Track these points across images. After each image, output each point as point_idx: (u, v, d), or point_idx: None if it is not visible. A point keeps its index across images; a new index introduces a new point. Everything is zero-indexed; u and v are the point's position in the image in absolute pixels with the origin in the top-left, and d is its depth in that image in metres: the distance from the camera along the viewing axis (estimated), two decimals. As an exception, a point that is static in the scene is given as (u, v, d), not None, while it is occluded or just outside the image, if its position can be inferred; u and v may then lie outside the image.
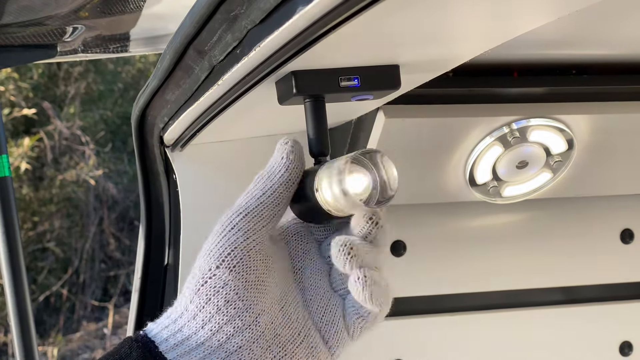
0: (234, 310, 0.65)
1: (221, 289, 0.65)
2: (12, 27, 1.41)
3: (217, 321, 0.65)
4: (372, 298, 0.65)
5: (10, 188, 1.59)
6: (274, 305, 0.68)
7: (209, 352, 0.65)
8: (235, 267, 0.66)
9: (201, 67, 0.80)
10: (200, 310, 0.66)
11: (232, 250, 0.66)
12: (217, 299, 0.65)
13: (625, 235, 1.35)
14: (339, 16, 0.59)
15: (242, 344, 0.65)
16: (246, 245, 0.67)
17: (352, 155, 0.67)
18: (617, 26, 0.89)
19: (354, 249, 0.65)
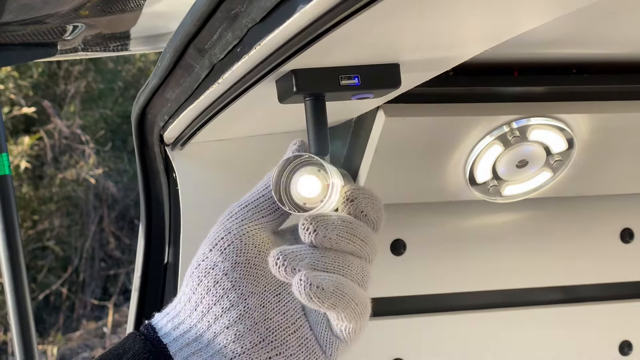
0: (222, 290, 0.67)
1: (211, 269, 0.68)
2: (12, 25, 1.41)
3: (207, 302, 0.67)
4: (315, 301, 0.64)
5: (11, 186, 1.59)
6: (268, 289, 0.69)
7: (199, 335, 0.67)
8: (226, 250, 0.68)
9: (201, 65, 0.80)
10: (193, 293, 0.68)
11: (225, 234, 0.69)
12: (207, 280, 0.68)
13: (625, 234, 1.35)
14: (339, 15, 0.59)
15: (228, 324, 0.67)
16: (239, 230, 0.69)
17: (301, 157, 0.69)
18: (617, 25, 0.89)
19: (281, 259, 0.65)
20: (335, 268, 0.66)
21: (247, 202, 0.71)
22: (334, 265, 0.66)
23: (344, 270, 0.67)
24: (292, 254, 0.65)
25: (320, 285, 0.63)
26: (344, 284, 0.65)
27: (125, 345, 0.68)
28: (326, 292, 0.64)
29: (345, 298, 0.65)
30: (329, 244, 0.67)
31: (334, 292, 0.64)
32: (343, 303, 0.65)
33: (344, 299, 0.65)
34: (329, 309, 0.65)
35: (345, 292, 0.65)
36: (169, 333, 0.68)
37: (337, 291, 0.64)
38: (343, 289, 0.65)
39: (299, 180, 0.69)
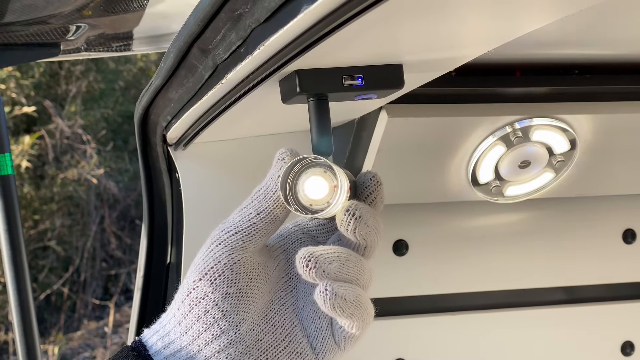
0: (213, 319, 0.69)
1: (202, 299, 0.69)
2: (15, 25, 1.41)
3: (197, 328, 0.69)
4: (337, 310, 0.66)
5: (13, 186, 1.59)
6: (257, 314, 0.71)
7: (190, 356, 0.69)
8: (216, 281, 0.69)
9: (205, 65, 0.80)
10: (184, 318, 0.70)
11: (215, 264, 0.69)
12: (197, 309, 0.69)
13: (628, 235, 1.35)
14: (343, 15, 0.59)
15: (219, 349, 0.69)
16: (229, 260, 0.70)
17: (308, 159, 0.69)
18: (620, 26, 0.89)
19: (312, 261, 0.66)
20: (355, 273, 0.68)
21: (237, 228, 0.71)
22: (355, 270, 0.68)
23: (360, 276, 0.68)
24: (321, 256, 0.66)
25: (343, 296, 0.65)
26: (362, 294, 0.67)
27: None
28: (348, 302, 0.66)
29: (362, 309, 0.67)
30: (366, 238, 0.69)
31: (354, 302, 0.66)
32: (360, 313, 0.67)
33: (361, 310, 0.67)
34: (347, 317, 0.67)
35: (362, 303, 0.67)
36: (160, 351, 0.70)
37: (357, 302, 0.66)
38: (361, 300, 0.67)
39: (306, 182, 0.69)
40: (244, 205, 0.72)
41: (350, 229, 0.68)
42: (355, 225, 0.67)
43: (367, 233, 0.69)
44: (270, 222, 0.71)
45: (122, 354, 0.70)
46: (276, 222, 0.71)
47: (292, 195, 0.70)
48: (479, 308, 1.31)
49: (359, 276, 0.68)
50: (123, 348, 0.71)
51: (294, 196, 0.70)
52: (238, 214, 0.72)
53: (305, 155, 0.70)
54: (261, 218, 0.71)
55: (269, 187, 0.71)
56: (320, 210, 0.69)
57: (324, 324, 0.71)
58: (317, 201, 0.69)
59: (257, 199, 0.71)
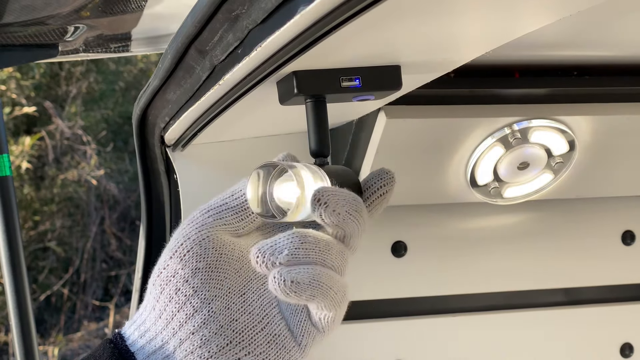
0: (184, 297, 0.67)
1: (172, 277, 0.68)
2: (13, 26, 1.41)
3: (170, 310, 0.67)
4: (292, 296, 0.63)
5: (11, 187, 1.59)
6: (233, 292, 0.69)
7: (165, 342, 0.67)
8: (185, 256, 0.68)
9: (202, 67, 0.80)
10: (157, 301, 0.68)
11: (184, 241, 0.69)
12: (169, 288, 0.68)
13: (627, 236, 1.35)
14: (340, 16, 0.59)
15: (193, 330, 0.67)
16: (198, 236, 0.69)
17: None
18: (619, 27, 0.89)
19: (259, 255, 0.64)
20: (315, 255, 0.66)
21: (209, 207, 0.71)
22: (314, 252, 0.66)
23: (324, 256, 0.66)
24: (270, 248, 0.65)
25: (295, 280, 0.63)
26: (320, 273, 0.65)
27: (96, 353, 0.69)
28: (302, 285, 0.63)
29: (323, 288, 0.65)
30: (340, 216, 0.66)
31: (310, 283, 0.64)
32: (321, 293, 0.65)
33: (322, 289, 0.65)
34: (307, 300, 0.65)
35: (322, 282, 0.65)
36: (136, 341, 0.69)
37: (314, 282, 0.64)
38: (320, 279, 0.64)
39: (275, 189, 0.68)
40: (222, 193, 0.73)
41: (317, 215, 0.65)
42: (321, 212, 0.65)
43: (339, 220, 0.66)
44: (241, 204, 0.71)
45: (100, 347, 0.69)
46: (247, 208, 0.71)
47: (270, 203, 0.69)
48: (478, 309, 1.31)
49: (323, 256, 0.66)
50: (103, 341, 0.70)
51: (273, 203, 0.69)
52: (214, 199, 0.72)
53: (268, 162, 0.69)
54: (234, 198, 0.71)
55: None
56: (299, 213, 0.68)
57: (299, 307, 0.69)
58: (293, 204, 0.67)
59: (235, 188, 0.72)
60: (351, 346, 1.26)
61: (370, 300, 1.27)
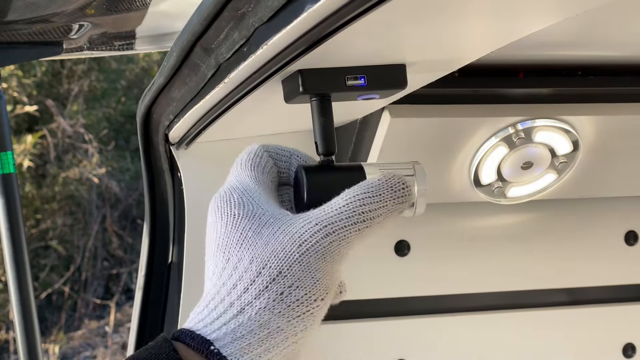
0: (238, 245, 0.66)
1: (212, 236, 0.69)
2: (18, 24, 1.41)
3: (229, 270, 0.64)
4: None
5: (15, 184, 1.59)
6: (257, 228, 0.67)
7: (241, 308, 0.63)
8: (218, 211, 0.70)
9: (208, 65, 0.80)
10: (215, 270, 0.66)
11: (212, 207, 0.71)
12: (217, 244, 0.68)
13: (630, 237, 1.35)
14: (346, 15, 0.59)
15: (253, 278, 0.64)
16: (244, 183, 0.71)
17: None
18: (623, 28, 0.89)
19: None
20: None
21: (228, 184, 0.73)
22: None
23: None
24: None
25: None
26: None
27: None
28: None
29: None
30: None
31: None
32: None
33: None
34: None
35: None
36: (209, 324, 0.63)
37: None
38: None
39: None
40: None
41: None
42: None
43: None
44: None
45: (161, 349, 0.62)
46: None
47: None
48: (481, 309, 1.31)
49: None
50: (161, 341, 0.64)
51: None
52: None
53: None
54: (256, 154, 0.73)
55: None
56: None
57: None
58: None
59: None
60: (354, 345, 1.26)
61: (373, 299, 1.27)
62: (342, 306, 1.25)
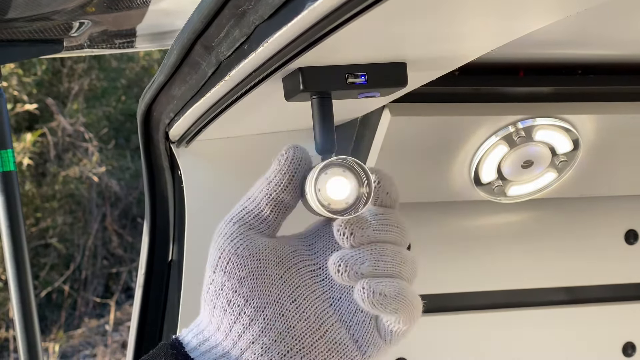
0: (237, 307, 0.67)
1: (220, 291, 0.68)
2: (18, 21, 1.41)
3: (227, 322, 0.68)
4: (378, 307, 0.65)
5: (16, 182, 1.59)
6: (283, 298, 0.68)
7: (226, 352, 0.67)
8: (227, 268, 0.68)
9: (208, 62, 0.80)
10: (212, 316, 0.69)
11: (221, 254, 0.69)
12: (220, 302, 0.68)
13: (630, 236, 1.35)
14: (347, 13, 0.59)
15: (252, 339, 0.67)
16: (232, 247, 0.69)
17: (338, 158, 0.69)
18: (624, 26, 0.89)
19: (342, 265, 0.66)
20: (394, 267, 0.67)
21: (231, 217, 0.71)
22: (393, 264, 0.67)
23: (401, 269, 0.67)
24: (352, 258, 0.66)
25: (382, 292, 0.64)
26: (405, 288, 0.66)
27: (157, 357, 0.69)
28: (388, 298, 0.65)
29: (406, 302, 0.66)
30: (368, 240, 0.67)
31: (396, 297, 0.65)
32: (404, 307, 0.66)
33: (405, 303, 0.66)
34: (391, 313, 0.66)
35: (406, 297, 0.66)
36: (196, 348, 0.69)
37: (399, 296, 0.65)
38: (404, 293, 0.66)
39: (330, 181, 0.68)
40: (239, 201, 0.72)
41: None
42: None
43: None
44: (259, 206, 0.70)
45: (160, 351, 0.69)
46: (267, 208, 0.70)
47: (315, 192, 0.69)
48: (481, 308, 1.31)
49: (400, 269, 0.67)
50: (161, 345, 0.70)
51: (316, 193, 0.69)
52: (234, 207, 0.72)
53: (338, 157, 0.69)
54: (252, 201, 0.71)
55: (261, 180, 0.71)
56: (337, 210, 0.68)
57: (367, 317, 0.69)
58: (336, 202, 0.68)
59: (251, 189, 0.72)
60: (354, 343, 1.26)
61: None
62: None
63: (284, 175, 0.70)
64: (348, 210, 0.68)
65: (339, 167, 0.69)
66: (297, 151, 0.70)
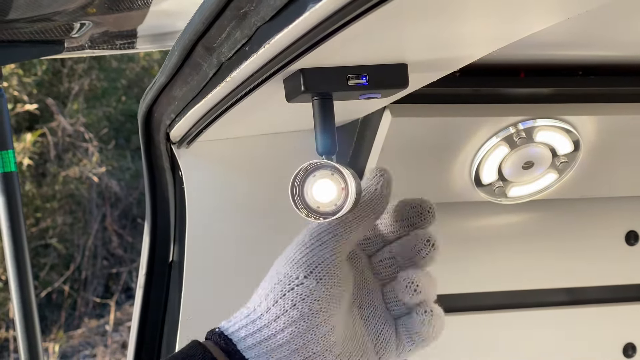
0: (316, 319, 0.69)
1: (307, 297, 0.69)
2: (19, 22, 1.41)
3: (299, 327, 0.69)
4: (436, 331, 0.73)
5: (16, 183, 1.59)
6: (346, 319, 0.72)
7: (287, 354, 0.69)
8: (323, 279, 0.70)
9: (209, 64, 0.80)
10: (283, 314, 0.70)
11: (321, 263, 0.71)
12: (301, 306, 0.69)
13: (630, 237, 1.35)
14: (348, 14, 0.59)
15: (316, 351, 0.69)
16: (332, 260, 0.71)
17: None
18: (624, 28, 0.89)
19: (419, 286, 0.73)
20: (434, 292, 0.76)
21: (337, 231, 0.72)
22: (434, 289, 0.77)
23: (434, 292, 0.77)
24: (422, 281, 0.75)
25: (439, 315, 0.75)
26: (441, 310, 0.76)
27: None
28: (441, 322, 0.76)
29: (444, 324, 0.75)
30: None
31: (443, 321, 0.75)
32: (442, 331, 0.75)
33: (444, 326, 0.75)
34: (437, 334, 0.75)
35: (444, 319, 0.75)
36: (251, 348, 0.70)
37: (443, 320, 0.75)
38: (443, 316, 0.75)
39: (314, 185, 0.70)
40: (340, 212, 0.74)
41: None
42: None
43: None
44: (364, 228, 0.74)
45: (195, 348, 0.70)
46: (367, 229, 0.74)
47: (299, 197, 0.70)
48: (481, 309, 1.31)
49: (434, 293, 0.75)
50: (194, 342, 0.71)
51: (302, 198, 0.70)
52: (336, 219, 0.73)
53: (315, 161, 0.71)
54: (358, 222, 0.73)
55: (368, 200, 0.74)
56: (328, 212, 0.70)
57: (391, 337, 0.75)
58: (324, 204, 0.69)
59: (356, 209, 0.74)
60: (354, 344, 1.26)
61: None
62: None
63: (387, 201, 0.76)
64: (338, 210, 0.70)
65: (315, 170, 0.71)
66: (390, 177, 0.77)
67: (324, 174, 0.70)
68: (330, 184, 0.70)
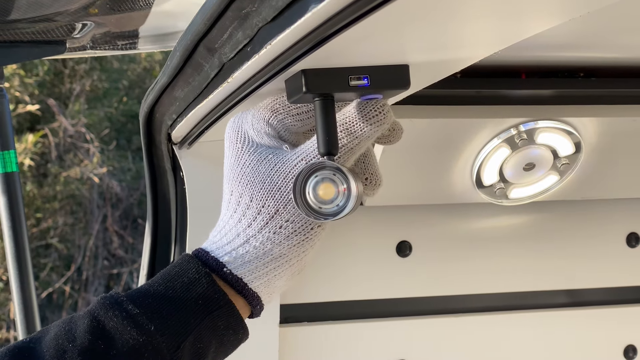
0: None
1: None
2: (21, 22, 1.41)
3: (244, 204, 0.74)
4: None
5: (18, 183, 1.59)
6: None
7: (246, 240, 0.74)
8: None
9: (211, 64, 0.80)
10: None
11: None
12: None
13: (631, 238, 1.35)
14: (350, 15, 0.59)
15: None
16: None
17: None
18: (625, 29, 0.89)
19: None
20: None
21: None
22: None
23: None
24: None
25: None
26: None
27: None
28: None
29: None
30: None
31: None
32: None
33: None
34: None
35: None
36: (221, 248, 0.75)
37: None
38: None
39: (316, 185, 0.70)
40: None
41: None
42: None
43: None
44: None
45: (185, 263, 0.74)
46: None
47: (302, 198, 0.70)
48: (482, 310, 1.31)
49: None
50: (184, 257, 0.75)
51: (304, 199, 0.70)
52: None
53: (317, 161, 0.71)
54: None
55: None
56: (330, 214, 0.70)
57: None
58: (326, 204, 0.70)
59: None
60: (355, 345, 1.26)
61: (375, 300, 1.27)
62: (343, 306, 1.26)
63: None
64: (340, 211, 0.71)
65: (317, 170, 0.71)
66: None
67: (326, 175, 0.70)
68: (331, 185, 0.70)
